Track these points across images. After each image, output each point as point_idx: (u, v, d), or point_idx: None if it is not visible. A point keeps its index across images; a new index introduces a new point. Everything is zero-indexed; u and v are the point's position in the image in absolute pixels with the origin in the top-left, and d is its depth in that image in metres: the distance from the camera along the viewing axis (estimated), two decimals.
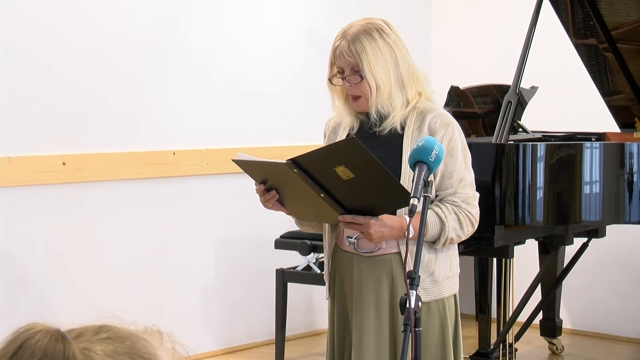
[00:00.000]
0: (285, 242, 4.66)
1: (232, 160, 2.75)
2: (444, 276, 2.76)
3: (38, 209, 4.43)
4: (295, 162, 2.57)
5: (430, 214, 2.69)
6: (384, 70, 2.71)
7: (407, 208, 2.44)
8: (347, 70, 2.73)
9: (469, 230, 2.76)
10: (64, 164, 4.49)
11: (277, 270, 4.71)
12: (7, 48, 4.32)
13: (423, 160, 2.40)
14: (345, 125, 2.84)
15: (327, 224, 2.87)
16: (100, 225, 4.66)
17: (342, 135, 2.83)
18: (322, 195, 2.62)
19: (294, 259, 4.82)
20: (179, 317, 4.95)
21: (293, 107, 5.41)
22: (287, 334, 4.82)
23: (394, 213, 2.70)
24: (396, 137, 2.74)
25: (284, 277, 4.68)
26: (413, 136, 2.72)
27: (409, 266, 2.34)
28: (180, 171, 4.95)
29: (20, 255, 4.39)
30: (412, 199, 2.34)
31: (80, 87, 4.56)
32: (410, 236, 2.66)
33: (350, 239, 2.78)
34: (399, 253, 2.73)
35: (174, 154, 4.93)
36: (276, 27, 5.42)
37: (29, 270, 4.42)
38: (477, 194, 2.80)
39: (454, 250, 2.83)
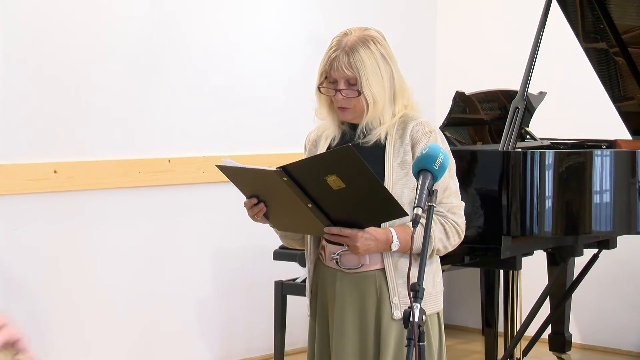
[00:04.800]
0: (284, 253, 4.66)
1: (216, 165, 2.70)
2: (426, 293, 2.69)
3: (29, 218, 4.40)
4: (285, 170, 2.51)
5: None
6: (380, 85, 2.68)
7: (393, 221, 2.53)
8: (342, 83, 2.69)
9: (455, 241, 2.73)
10: (55, 172, 4.46)
11: (276, 282, 4.70)
12: None
13: (427, 168, 2.35)
14: (326, 136, 2.82)
15: (309, 239, 2.84)
16: (93, 235, 4.63)
17: (323, 147, 2.81)
18: (310, 205, 2.57)
19: (294, 271, 4.79)
20: (175, 329, 4.96)
21: (292, 113, 5.41)
22: (287, 347, 4.80)
23: (379, 226, 2.67)
24: (378, 148, 2.72)
25: (283, 290, 4.67)
26: (395, 146, 2.70)
27: (412, 278, 2.26)
28: (175, 179, 4.94)
29: (11, 265, 4.35)
30: (416, 208, 2.28)
31: (73, 93, 4.54)
32: (396, 249, 2.65)
33: (333, 255, 2.75)
34: (383, 269, 2.70)
35: (169, 161, 4.90)
36: (275, 32, 5.44)
37: (20, 280, 4.38)
38: (463, 203, 2.77)
39: (437, 267, 2.80)
